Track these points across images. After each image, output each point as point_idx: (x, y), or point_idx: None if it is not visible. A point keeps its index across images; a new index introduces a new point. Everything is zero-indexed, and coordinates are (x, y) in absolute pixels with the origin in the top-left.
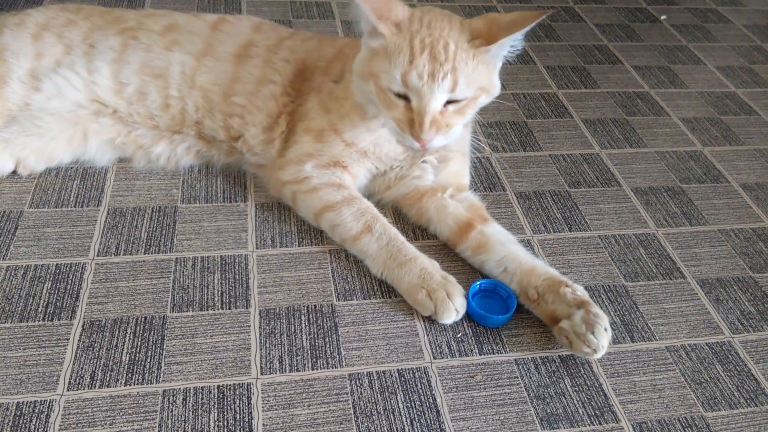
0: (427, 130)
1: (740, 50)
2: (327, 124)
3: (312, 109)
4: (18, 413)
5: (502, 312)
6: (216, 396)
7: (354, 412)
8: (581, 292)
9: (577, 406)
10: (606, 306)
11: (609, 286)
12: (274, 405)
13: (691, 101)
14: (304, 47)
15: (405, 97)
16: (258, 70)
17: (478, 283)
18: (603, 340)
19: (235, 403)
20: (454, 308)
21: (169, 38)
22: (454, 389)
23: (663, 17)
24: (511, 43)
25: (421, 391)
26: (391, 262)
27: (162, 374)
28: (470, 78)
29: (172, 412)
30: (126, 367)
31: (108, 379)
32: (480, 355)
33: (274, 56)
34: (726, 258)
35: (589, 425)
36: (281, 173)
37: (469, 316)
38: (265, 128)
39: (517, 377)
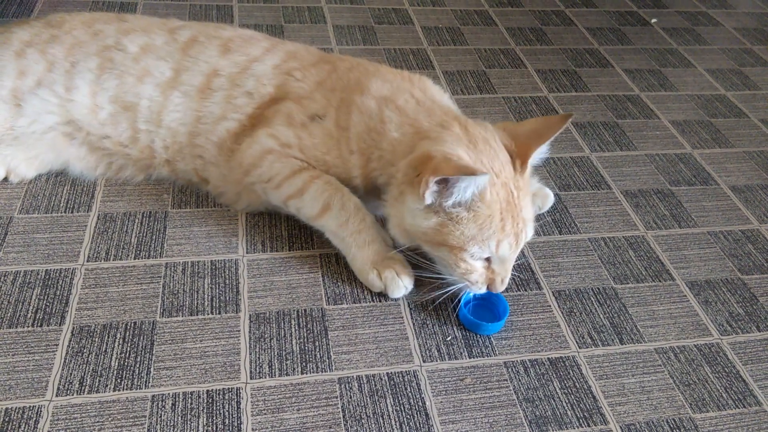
0: (506, 284)
1: (730, 53)
2: (295, 142)
3: (279, 124)
4: (6, 419)
5: (494, 320)
6: (205, 401)
7: (343, 416)
8: None
9: (566, 408)
10: (595, 308)
11: (598, 289)
12: (264, 409)
13: (681, 104)
14: (275, 81)
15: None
16: (218, 107)
17: None
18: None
19: (224, 407)
20: (403, 285)
21: (141, 65)
22: (444, 392)
23: (653, 20)
24: None
25: (410, 394)
26: (350, 239)
27: (151, 379)
28: (532, 214)
29: (161, 417)
30: (115, 372)
31: (97, 384)
32: (469, 358)
33: (236, 89)
34: (715, 260)
35: (578, 427)
36: (246, 178)
37: (462, 324)
38: (217, 146)
39: (507, 380)
